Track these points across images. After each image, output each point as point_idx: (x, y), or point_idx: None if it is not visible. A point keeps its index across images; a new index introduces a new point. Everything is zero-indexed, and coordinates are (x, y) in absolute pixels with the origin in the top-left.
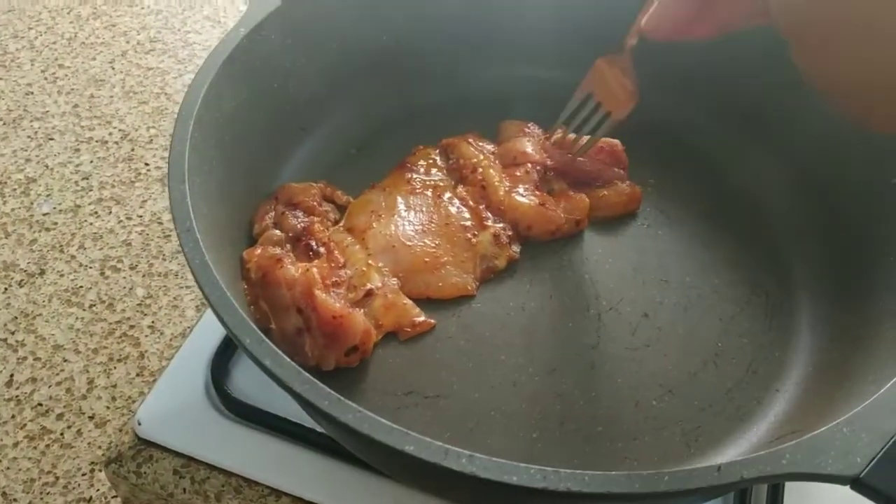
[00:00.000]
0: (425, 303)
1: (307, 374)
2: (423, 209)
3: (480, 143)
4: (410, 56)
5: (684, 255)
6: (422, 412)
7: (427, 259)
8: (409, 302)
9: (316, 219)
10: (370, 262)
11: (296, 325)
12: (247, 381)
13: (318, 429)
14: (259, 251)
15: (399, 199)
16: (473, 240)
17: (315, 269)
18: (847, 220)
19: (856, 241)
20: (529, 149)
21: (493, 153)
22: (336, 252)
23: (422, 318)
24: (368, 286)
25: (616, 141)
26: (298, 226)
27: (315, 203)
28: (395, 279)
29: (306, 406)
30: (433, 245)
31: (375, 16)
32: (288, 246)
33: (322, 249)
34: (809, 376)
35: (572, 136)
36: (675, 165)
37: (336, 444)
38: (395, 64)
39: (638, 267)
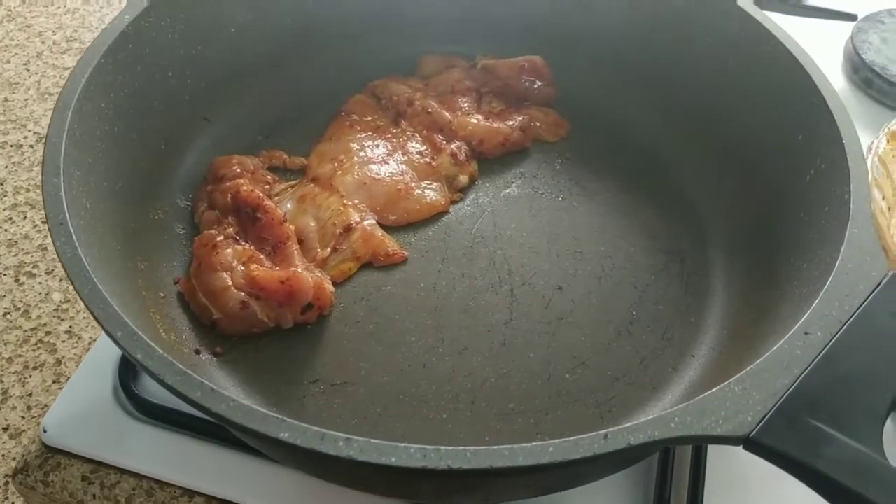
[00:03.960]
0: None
1: (180, 366)
2: (379, 146)
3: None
4: (316, 39)
5: (599, 226)
6: (328, 400)
7: (399, 187)
8: (386, 235)
9: (241, 181)
10: (345, 202)
11: (238, 300)
12: (155, 382)
13: None
14: (196, 240)
15: (352, 144)
16: (434, 163)
17: (250, 246)
18: (760, 185)
19: (768, 204)
20: (462, 76)
21: (423, 86)
22: (278, 208)
23: (395, 250)
24: (348, 222)
25: (536, 57)
26: (228, 198)
27: (240, 170)
28: (372, 214)
29: (180, 397)
30: (400, 174)
31: None
32: (230, 218)
33: (259, 215)
34: (724, 340)
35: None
36: (590, 138)
37: None
38: (301, 47)
39: (552, 240)
